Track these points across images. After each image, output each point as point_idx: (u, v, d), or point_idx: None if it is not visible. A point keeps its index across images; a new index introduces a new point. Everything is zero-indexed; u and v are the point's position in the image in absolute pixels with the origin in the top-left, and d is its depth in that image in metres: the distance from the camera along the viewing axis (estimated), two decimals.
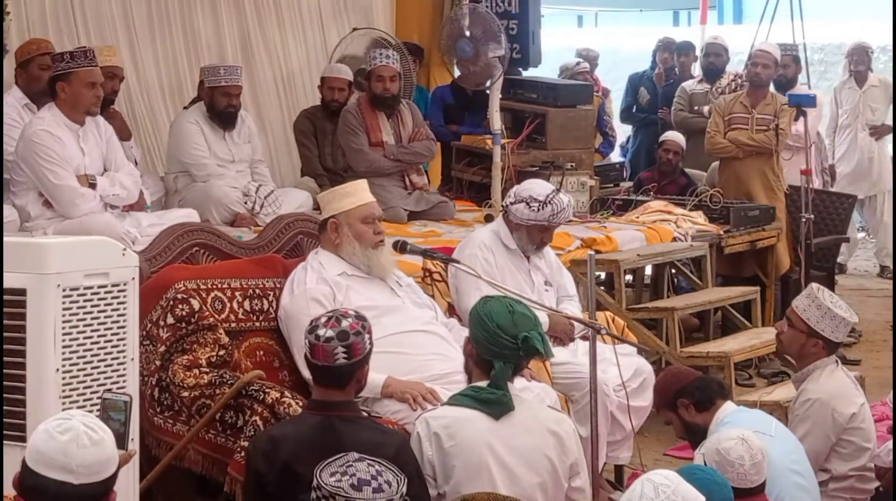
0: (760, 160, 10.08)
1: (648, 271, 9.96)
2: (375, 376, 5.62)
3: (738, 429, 5.14)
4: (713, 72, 11.81)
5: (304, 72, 10.81)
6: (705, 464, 5.06)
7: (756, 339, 8.44)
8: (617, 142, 13.49)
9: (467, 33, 9.39)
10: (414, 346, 5.91)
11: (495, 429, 4.86)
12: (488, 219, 8.68)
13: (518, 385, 5.62)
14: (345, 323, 4.84)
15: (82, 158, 7.21)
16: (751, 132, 10.08)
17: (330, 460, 4.08)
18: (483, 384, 4.95)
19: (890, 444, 5.75)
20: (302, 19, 10.94)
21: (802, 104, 9.88)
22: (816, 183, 11.39)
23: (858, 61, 13.23)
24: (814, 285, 6.36)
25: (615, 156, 13.32)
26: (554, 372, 6.51)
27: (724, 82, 11.60)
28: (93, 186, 7.19)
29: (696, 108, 11.60)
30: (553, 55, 14.23)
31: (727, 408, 5.77)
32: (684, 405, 5.81)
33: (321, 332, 4.82)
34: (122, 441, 3.75)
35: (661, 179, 10.71)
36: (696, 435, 5.79)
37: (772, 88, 10.50)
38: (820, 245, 10.38)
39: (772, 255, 9.84)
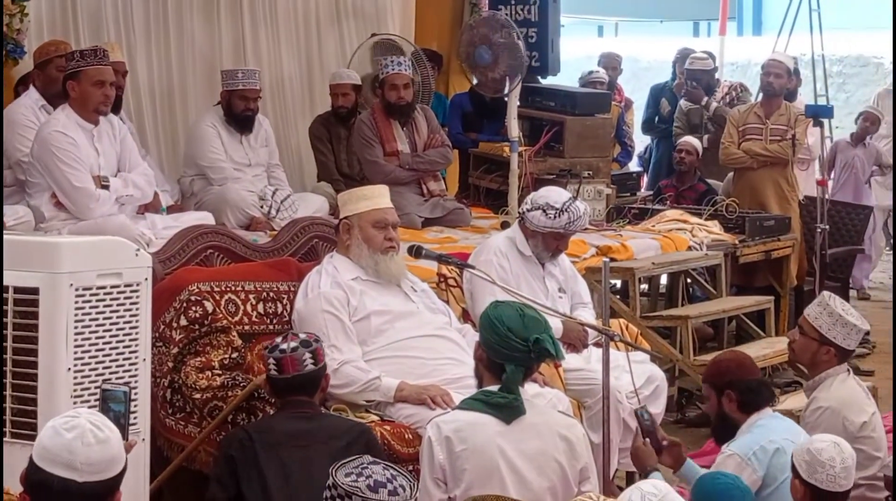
0: (775, 171, 10.07)
1: (664, 280, 9.93)
2: (389, 380, 5.66)
3: (830, 435, 5.11)
4: (705, 86, 11.72)
5: (293, 79, 10.65)
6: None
7: (769, 348, 8.41)
8: (635, 152, 13.47)
9: (485, 41, 9.37)
10: (427, 350, 5.91)
11: (506, 433, 4.82)
12: (504, 226, 8.65)
13: (531, 391, 5.61)
14: (302, 335, 5.20)
15: (97, 158, 7.16)
16: (765, 142, 10.05)
17: (345, 461, 4.10)
18: (494, 388, 4.92)
19: None
20: (297, 27, 10.70)
21: (820, 115, 9.86)
22: None
23: None
24: (825, 292, 6.31)
25: (633, 166, 13.30)
26: (567, 379, 6.50)
27: (718, 95, 11.56)
28: (105, 187, 7.15)
29: (696, 129, 11.52)
30: (573, 65, 14.23)
31: (764, 413, 5.73)
32: (730, 396, 5.73)
33: (284, 346, 5.14)
34: (122, 431, 3.73)
35: (680, 185, 10.67)
36: (725, 428, 5.72)
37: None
38: (835, 256, 10.34)
39: (786, 265, 9.80)
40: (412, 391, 5.66)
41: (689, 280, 9.53)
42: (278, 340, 5.20)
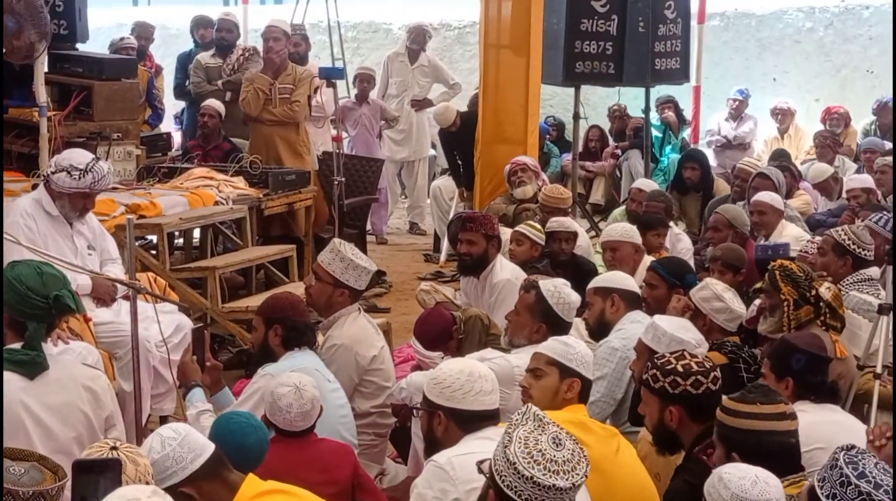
0: (286, 129, 10.22)
1: (198, 234, 9.87)
2: None
3: (299, 377, 5.16)
4: (225, 46, 11.80)
5: None
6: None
7: (295, 293, 8.50)
8: (167, 114, 13.32)
9: (8, 10, 8.95)
10: None
11: (30, 389, 4.68)
12: (35, 189, 8.36)
13: (59, 348, 5.49)
14: None
15: None
16: (274, 103, 10.17)
17: None
18: (17, 345, 4.76)
19: (402, 382, 5.97)
20: None
21: (332, 76, 10.04)
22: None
23: (414, 40, 13.48)
24: (336, 240, 6.49)
25: (169, 127, 13.16)
26: (98, 332, 6.41)
27: (233, 57, 11.63)
28: None
29: (213, 81, 11.58)
30: (106, 33, 13.95)
31: (303, 350, 5.79)
32: (276, 331, 5.76)
33: None
34: None
35: (206, 145, 10.63)
36: (262, 359, 5.77)
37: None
38: (352, 205, 10.58)
39: (307, 215, 9.96)
40: None
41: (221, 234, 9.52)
42: None
